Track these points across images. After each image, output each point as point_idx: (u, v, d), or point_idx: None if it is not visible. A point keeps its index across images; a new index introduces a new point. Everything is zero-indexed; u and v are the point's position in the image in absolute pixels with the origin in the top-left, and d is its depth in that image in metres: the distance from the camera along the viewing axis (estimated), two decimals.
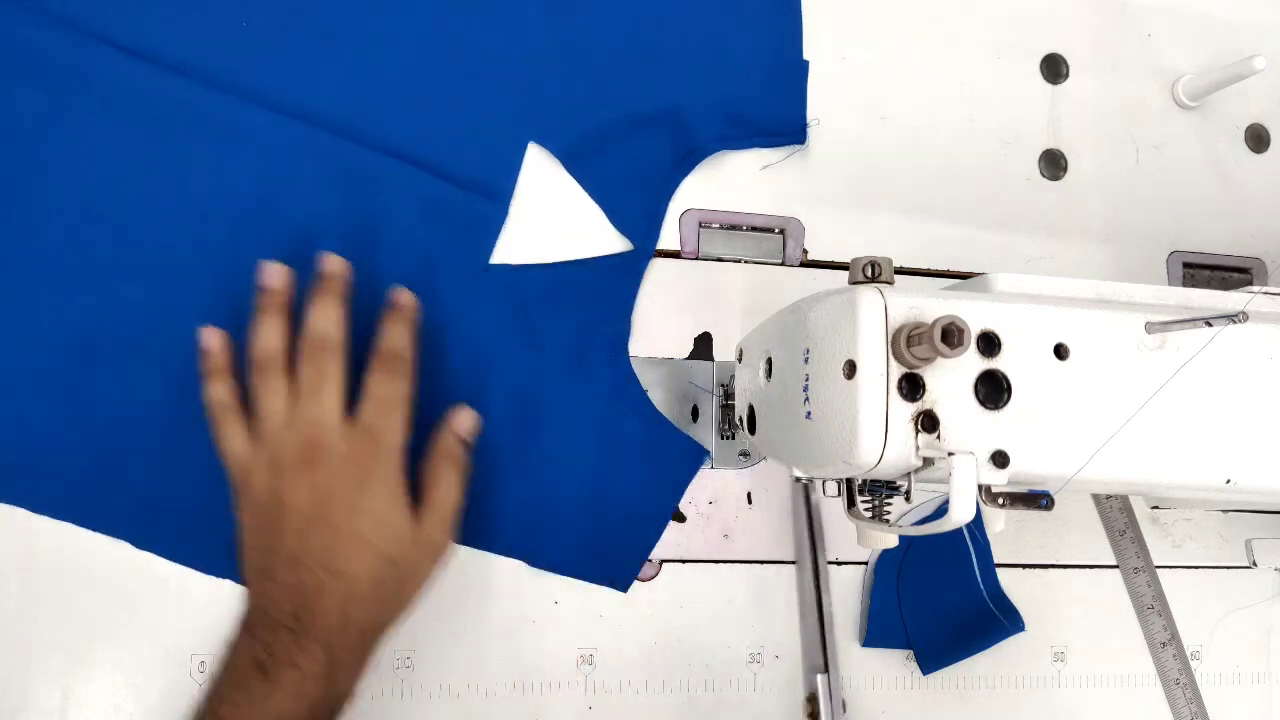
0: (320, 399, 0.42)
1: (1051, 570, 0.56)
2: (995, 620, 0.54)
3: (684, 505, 0.52)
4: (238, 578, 0.45)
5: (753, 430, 0.45)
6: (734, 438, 0.53)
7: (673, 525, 0.52)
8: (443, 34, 0.52)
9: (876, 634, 0.52)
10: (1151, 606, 0.56)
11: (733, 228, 0.55)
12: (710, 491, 0.52)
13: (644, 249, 0.53)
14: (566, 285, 0.51)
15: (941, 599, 0.53)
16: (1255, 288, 0.43)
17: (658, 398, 0.52)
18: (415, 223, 0.50)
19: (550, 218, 0.52)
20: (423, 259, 0.50)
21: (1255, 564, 0.59)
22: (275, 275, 0.44)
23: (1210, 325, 0.35)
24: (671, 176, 0.53)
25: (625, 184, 0.53)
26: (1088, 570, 0.57)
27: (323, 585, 0.40)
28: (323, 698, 0.39)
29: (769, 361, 0.43)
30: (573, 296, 0.51)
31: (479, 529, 0.49)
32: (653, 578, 0.51)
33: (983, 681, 0.54)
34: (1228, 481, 0.39)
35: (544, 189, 0.52)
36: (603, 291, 0.52)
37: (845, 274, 0.40)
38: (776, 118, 0.55)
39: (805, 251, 0.55)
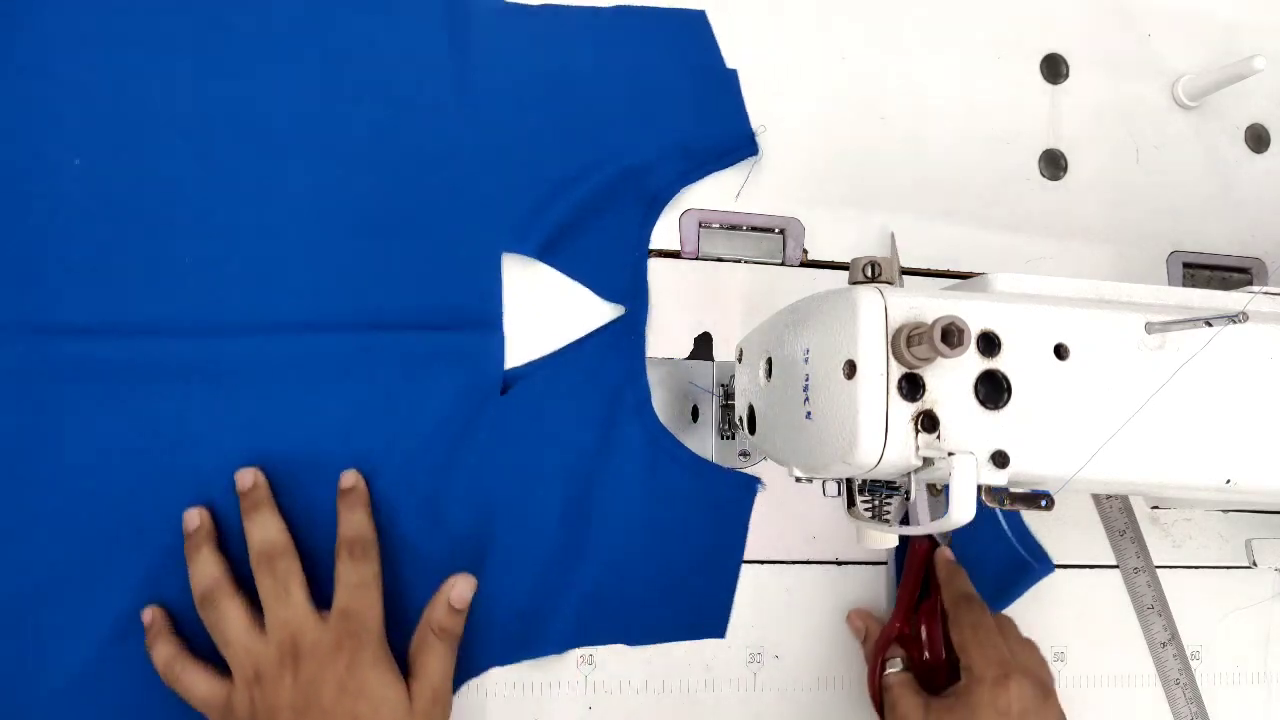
0: (288, 601, 0.43)
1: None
2: (1026, 565, 0.54)
3: None
4: None
5: (753, 430, 0.45)
6: (734, 438, 0.53)
7: None
8: (383, 189, 0.50)
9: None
10: (1151, 606, 0.56)
11: (733, 228, 0.55)
12: None
13: (637, 308, 0.52)
14: (577, 370, 0.51)
15: (973, 551, 0.53)
16: (1255, 288, 0.43)
17: (658, 398, 0.52)
18: (422, 385, 0.49)
19: (543, 317, 0.51)
20: (443, 413, 0.49)
21: (1255, 564, 0.59)
22: (192, 519, 0.45)
23: (1210, 325, 0.35)
24: (641, 232, 0.53)
25: (601, 255, 0.52)
26: (1088, 570, 0.57)
27: None
28: None
29: (769, 361, 0.43)
30: (586, 379, 0.51)
31: (564, 631, 0.49)
32: None
33: None
34: (1228, 481, 0.39)
35: (529, 294, 0.51)
36: (613, 361, 0.52)
37: (845, 274, 0.40)
38: (723, 137, 0.54)
39: (805, 251, 0.55)
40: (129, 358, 0.46)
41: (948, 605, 0.50)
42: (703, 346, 0.54)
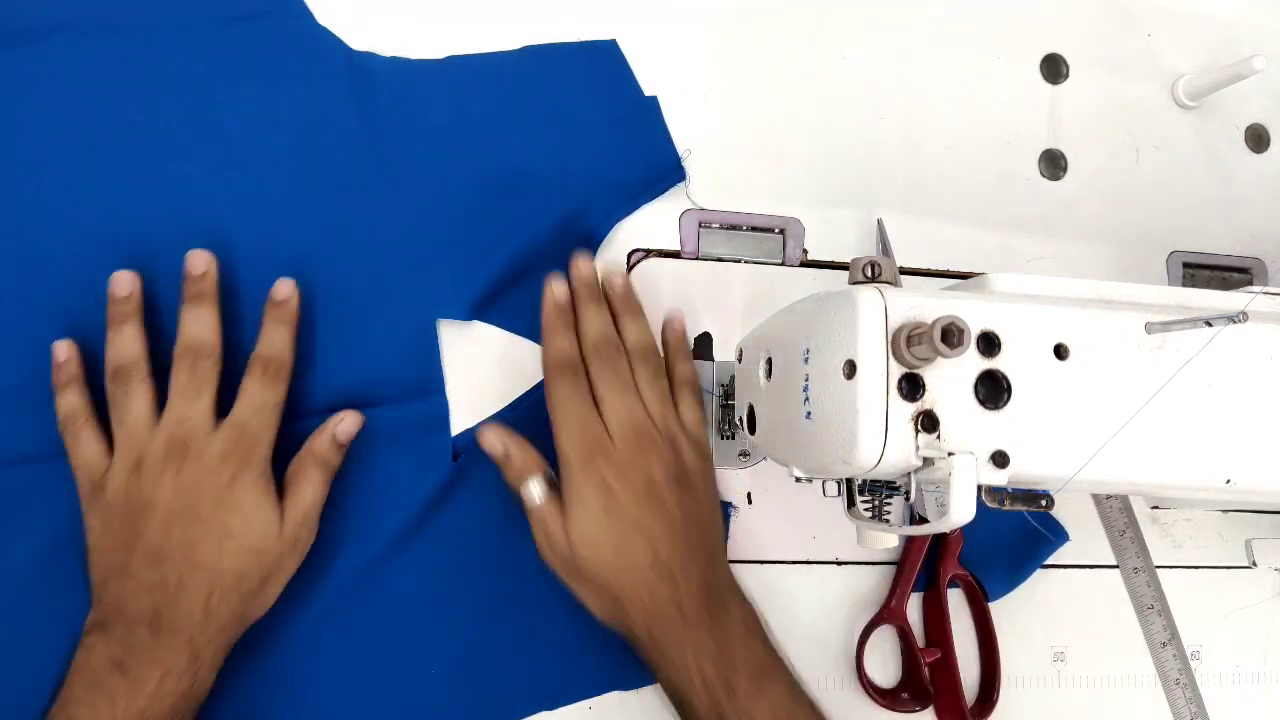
0: (194, 402, 0.42)
1: (1051, 570, 0.56)
2: (1039, 535, 0.54)
3: None
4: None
5: (753, 430, 0.45)
6: (734, 438, 0.53)
7: None
8: (305, 271, 0.47)
9: (925, 578, 0.53)
10: (1151, 606, 0.56)
11: (733, 228, 0.55)
12: None
13: None
14: (529, 426, 0.48)
15: (987, 525, 0.53)
16: (1255, 288, 0.43)
17: None
18: (371, 464, 0.47)
19: (488, 375, 0.50)
20: (397, 488, 0.48)
21: (1255, 564, 0.59)
22: (124, 283, 0.43)
23: (1210, 325, 0.35)
24: None
25: (539, 306, 0.50)
26: (1088, 570, 0.57)
27: (185, 579, 0.40)
28: (185, 694, 0.40)
29: (769, 361, 0.43)
30: (540, 432, 0.48)
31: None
32: None
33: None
34: (1228, 481, 0.39)
35: (470, 356, 0.50)
36: None
37: (845, 274, 0.40)
38: (650, 166, 0.53)
39: (805, 251, 0.55)
40: None
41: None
42: (703, 346, 0.54)
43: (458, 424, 0.49)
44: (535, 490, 0.45)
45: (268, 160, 0.49)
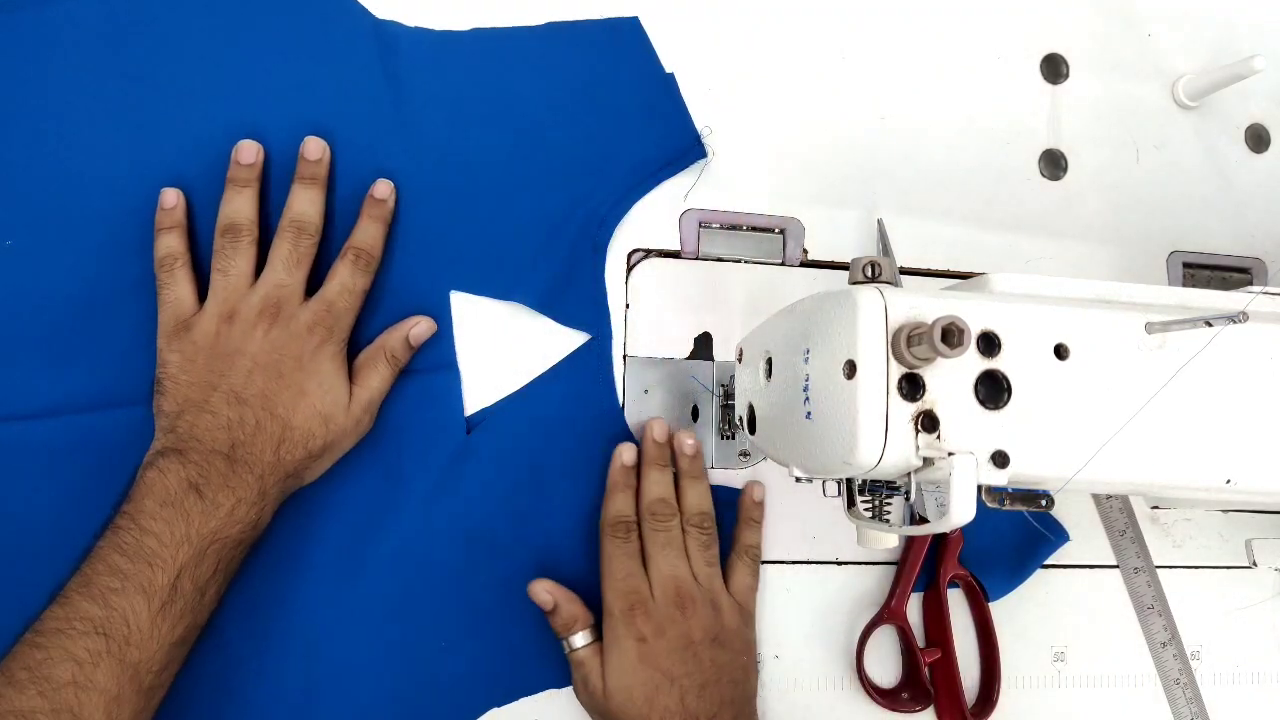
0: (291, 271, 0.46)
1: (1051, 570, 0.56)
2: (1039, 536, 0.55)
3: None
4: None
5: (753, 430, 0.45)
6: (734, 438, 0.53)
7: None
8: (326, 233, 0.48)
9: (921, 579, 0.53)
10: (1151, 606, 0.56)
11: (733, 228, 0.55)
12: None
13: (602, 333, 0.52)
14: (549, 399, 0.50)
15: (987, 526, 0.54)
16: (1255, 288, 0.43)
17: (658, 398, 0.52)
18: (385, 431, 0.48)
19: (502, 349, 0.51)
20: (409, 455, 0.49)
21: (1255, 564, 0.59)
22: (249, 151, 0.47)
23: (1210, 325, 0.35)
24: (596, 255, 0.52)
25: (559, 284, 0.51)
26: (1088, 570, 0.57)
27: (261, 423, 0.43)
28: (251, 525, 0.43)
29: (769, 361, 0.43)
30: (558, 404, 0.50)
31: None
32: None
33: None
34: (1228, 481, 0.39)
35: (482, 329, 0.50)
36: (584, 387, 0.51)
37: (845, 274, 0.40)
38: (669, 144, 0.53)
39: (805, 251, 0.55)
40: None
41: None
42: (703, 346, 0.53)
43: (470, 396, 0.50)
44: (578, 640, 0.47)
45: (290, 125, 0.49)
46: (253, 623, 0.46)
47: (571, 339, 0.51)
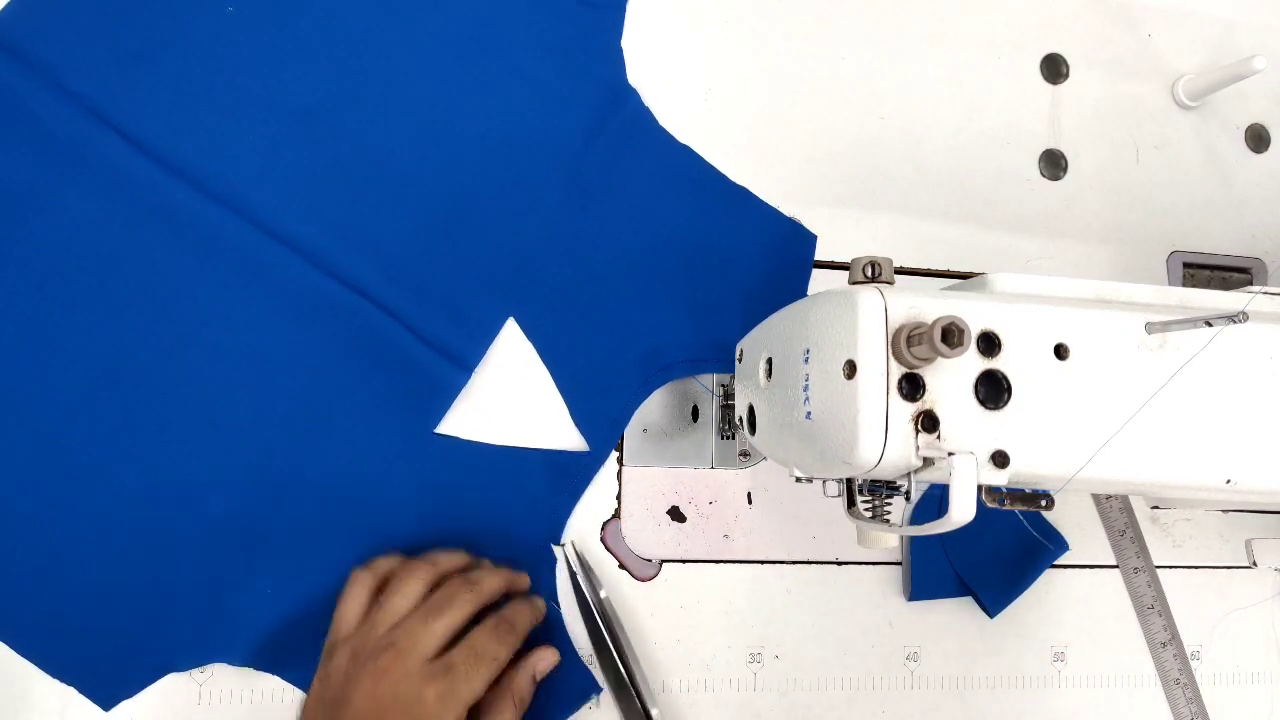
0: (432, 623, 0.43)
1: (1051, 570, 0.56)
2: (1040, 546, 0.54)
3: (684, 505, 0.52)
4: None
5: (753, 430, 0.45)
6: (734, 438, 0.53)
7: (673, 525, 0.52)
8: (446, 194, 0.51)
9: (922, 586, 0.53)
10: (1151, 606, 0.56)
11: None
12: (710, 491, 0.52)
13: (598, 455, 0.51)
14: (506, 471, 0.50)
15: (987, 539, 0.54)
16: (1255, 288, 0.43)
17: (658, 398, 0.52)
18: (373, 369, 0.49)
19: (511, 399, 0.50)
20: (371, 405, 0.49)
21: (1255, 564, 0.59)
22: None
23: (1210, 325, 0.35)
24: (639, 391, 0.52)
25: (596, 386, 0.51)
26: (1088, 570, 0.57)
27: None
28: None
29: (769, 361, 0.43)
30: (508, 485, 0.50)
31: None
32: (653, 578, 0.51)
33: (983, 681, 0.54)
34: (1228, 481, 0.39)
35: (512, 368, 0.50)
36: (541, 490, 0.50)
37: (845, 274, 0.40)
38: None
39: None
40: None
41: None
42: None
43: (458, 408, 0.50)
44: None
45: (499, 119, 0.52)
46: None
47: (570, 440, 0.51)
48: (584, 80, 0.53)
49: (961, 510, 0.34)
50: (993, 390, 0.36)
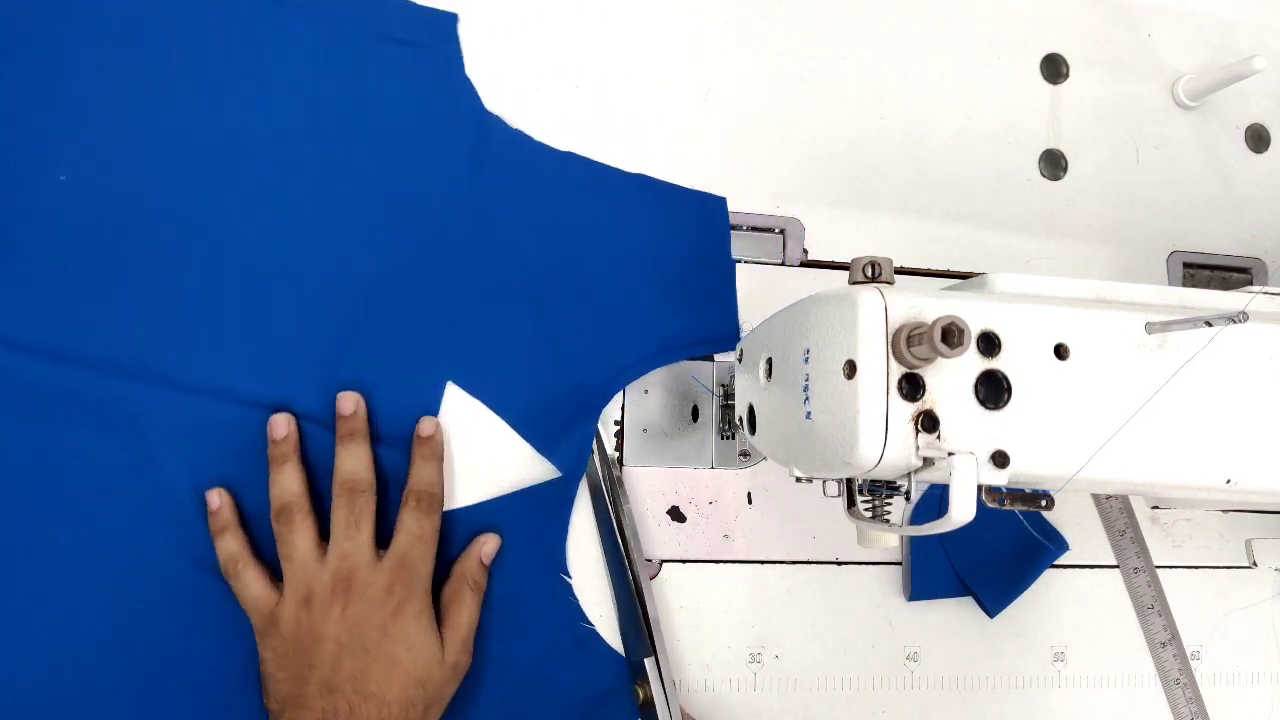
0: (355, 537, 0.44)
1: (1051, 570, 0.56)
2: (1040, 546, 0.54)
3: (684, 505, 0.52)
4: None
5: (753, 430, 0.45)
6: (734, 438, 0.53)
7: (673, 525, 0.52)
8: (349, 287, 0.49)
9: (922, 586, 0.53)
10: (1151, 606, 0.56)
11: (733, 227, 0.54)
12: (710, 491, 0.52)
13: (573, 473, 0.50)
14: (490, 526, 0.49)
15: (987, 538, 0.54)
16: (1255, 288, 0.43)
17: (658, 398, 0.52)
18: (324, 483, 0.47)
19: (473, 457, 0.49)
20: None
21: (1255, 564, 0.59)
22: (281, 425, 0.46)
23: (1210, 325, 0.35)
24: (599, 400, 0.51)
25: (552, 411, 0.50)
26: (1088, 570, 0.57)
27: (356, 708, 0.42)
28: None
29: (769, 361, 0.43)
30: (501, 531, 0.49)
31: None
32: (653, 578, 0.51)
33: (983, 682, 0.54)
34: (1228, 481, 0.39)
35: (464, 430, 0.49)
36: (532, 523, 0.50)
37: (845, 274, 0.40)
38: (709, 328, 0.53)
39: (805, 251, 0.55)
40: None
41: None
42: None
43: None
44: None
45: (376, 167, 0.50)
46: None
47: (537, 470, 0.50)
48: (445, 125, 0.51)
49: (961, 510, 0.34)
50: (993, 390, 0.36)
